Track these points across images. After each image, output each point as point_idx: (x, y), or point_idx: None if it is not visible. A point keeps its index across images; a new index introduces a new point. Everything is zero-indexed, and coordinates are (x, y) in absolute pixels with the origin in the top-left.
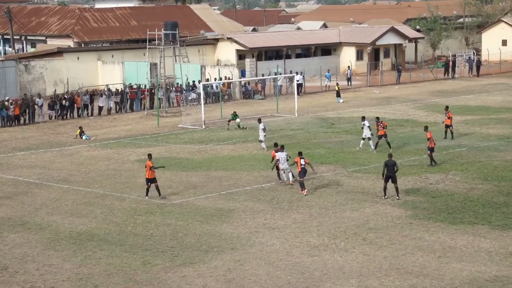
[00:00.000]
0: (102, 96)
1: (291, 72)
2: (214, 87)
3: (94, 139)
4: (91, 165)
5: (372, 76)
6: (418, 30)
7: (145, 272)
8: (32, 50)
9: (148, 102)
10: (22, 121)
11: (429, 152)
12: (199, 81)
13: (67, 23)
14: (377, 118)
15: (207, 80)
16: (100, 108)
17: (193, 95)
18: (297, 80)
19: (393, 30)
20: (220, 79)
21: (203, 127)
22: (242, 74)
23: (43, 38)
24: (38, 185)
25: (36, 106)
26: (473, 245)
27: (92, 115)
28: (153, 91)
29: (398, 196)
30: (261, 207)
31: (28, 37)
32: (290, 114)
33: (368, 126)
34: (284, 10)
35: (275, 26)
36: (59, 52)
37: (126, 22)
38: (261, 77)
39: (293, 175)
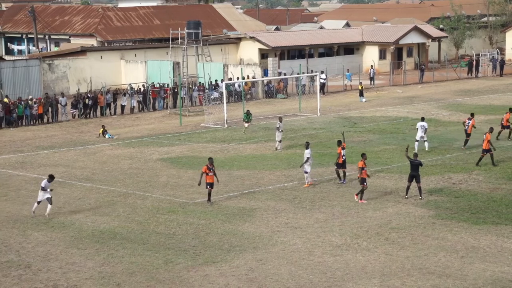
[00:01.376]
0: (125, 95)
1: (312, 72)
2: (237, 86)
3: (117, 137)
4: (113, 164)
5: (395, 75)
6: (441, 29)
7: (167, 271)
8: (56, 49)
9: (171, 101)
10: (45, 120)
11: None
12: (222, 80)
13: (91, 22)
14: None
15: (230, 79)
16: (123, 107)
17: (216, 94)
18: (323, 79)
19: (416, 29)
20: (243, 78)
21: (226, 126)
22: (265, 73)
23: (67, 37)
24: (61, 183)
25: (59, 105)
26: (497, 245)
27: (115, 114)
28: (176, 90)
29: (421, 195)
30: (283, 206)
31: (52, 36)
32: (312, 113)
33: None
34: (307, 9)
35: (297, 25)
36: (82, 51)
37: (149, 21)
38: (283, 76)
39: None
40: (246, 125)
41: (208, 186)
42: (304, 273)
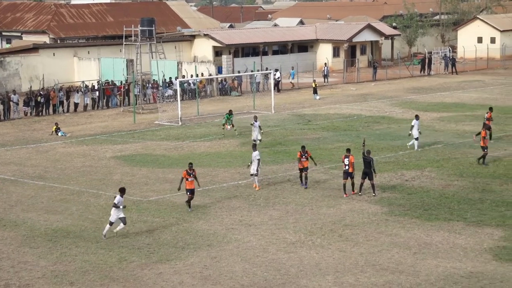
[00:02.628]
0: (78, 93)
1: (267, 69)
2: (191, 83)
3: (70, 135)
4: (67, 162)
5: (349, 73)
6: (394, 27)
7: (121, 269)
8: (7, 46)
9: (125, 99)
10: None
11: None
12: (176, 78)
13: (43, 19)
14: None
15: (184, 76)
16: (76, 105)
17: (170, 92)
18: (278, 77)
19: (369, 27)
20: (197, 75)
21: (180, 123)
22: (219, 70)
23: (19, 34)
24: (13, 182)
25: (11, 103)
26: (449, 241)
27: (68, 111)
28: (129, 87)
29: (374, 192)
30: (238, 204)
31: (3, 33)
32: (267, 111)
33: (412, 125)
34: (261, 6)
35: (252, 22)
36: (34, 48)
37: (103, 18)
38: (238, 74)
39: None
40: (229, 127)
41: (188, 193)
42: (259, 270)
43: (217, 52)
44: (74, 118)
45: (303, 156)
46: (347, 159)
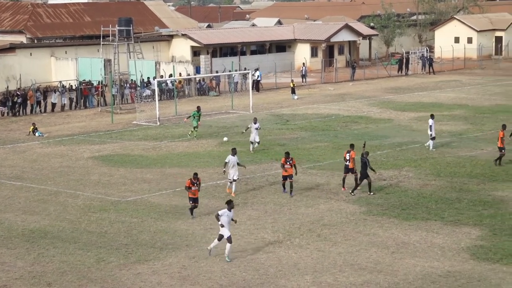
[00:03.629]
0: (55, 93)
1: (245, 69)
2: (169, 83)
3: (47, 136)
4: (44, 162)
5: (327, 73)
6: (372, 27)
7: (99, 270)
8: None
9: (102, 99)
10: None
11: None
12: (154, 78)
13: (20, 19)
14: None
15: (162, 76)
16: (54, 105)
17: (148, 92)
18: (258, 77)
19: (347, 27)
20: (175, 75)
21: (158, 123)
22: (197, 70)
23: None
24: None
25: None
26: (426, 240)
27: (45, 111)
28: (106, 87)
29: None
30: (216, 203)
31: None
32: (245, 111)
33: (430, 126)
34: (239, 6)
35: (230, 22)
36: (11, 48)
37: (80, 18)
38: (216, 74)
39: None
40: (185, 120)
41: (191, 202)
42: (237, 270)
43: (195, 52)
44: (51, 118)
45: (288, 163)
46: (348, 154)
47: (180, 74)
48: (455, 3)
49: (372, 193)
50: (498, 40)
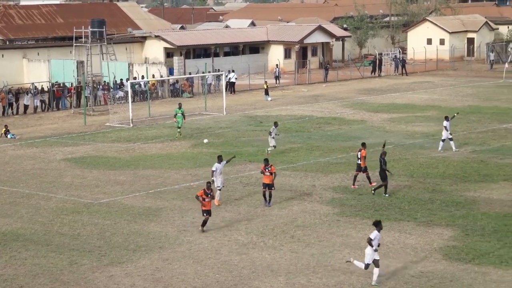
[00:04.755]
0: (27, 95)
1: (218, 71)
2: (142, 85)
3: (19, 138)
4: (16, 164)
5: (300, 74)
6: (345, 29)
7: (72, 272)
8: None
9: (75, 101)
10: None
11: None
12: (127, 79)
13: None
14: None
15: (135, 78)
16: (26, 107)
17: (121, 93)
18: (234, 78)
19: (320, 28)
20: (149, 76)
21: (131, 125)
22: (170, 72)
23: None
24: None
25: None
26: (399, 241)
27: (17, 113)
28: (79, 89)
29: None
30: (190, 205)
31: None
32: (218, 112)
33: (445, 127)
34: (212, 8)
35: (203, 24)
36: None
37: (52, 20)
38: (189, 75)
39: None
40: (174, 119)
41: (205, 214)
42: (211, 272)
43: (168, 54)
44: (23, 120)
45: (267, 169)
46: (359, 152)
47: (153, 76)
48: (427, 4)
49: (387, 195)
50: (470, 41)
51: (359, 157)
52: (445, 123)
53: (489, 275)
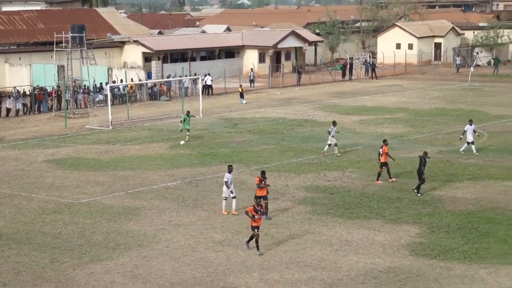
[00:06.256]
0: (9, 98)
1: (195, 74)
2: (121, 89)
3: (1, 140)
4: None
5: (274, 78)
6: (317, 34)
7: (54, 270)
8: None
9: (56, 104)
10: None
11: None
12: (106, 83)
13: None
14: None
15: (114, 82)
16: (8, 110)
17: (100, 97)
18: (210, 80)
19: (293, 33)
20: (128, 80)
21: (110, 128)
22: (148, 76)
23: None
24: None
25: None
26: (368, 238)
27: None
28: (60, 93)
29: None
30: (167, 205)
31: None
32: (195, 115)
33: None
34: (189, 14)
35: (180, 29)
36: None
37: (34, 25)
38: (167, 79)
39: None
40: (180, 124)
41: (255, 230)
42: (187, 269)
43: (147, 58)
44: (5, 123)
45: (262, 182)
46: (381, 149)
47: (132, 80)
48: (396, 10)
49: (420, 194)
50: (437, 46)
51: (380, 153)
52: (468, 127)
53: (453, 270)
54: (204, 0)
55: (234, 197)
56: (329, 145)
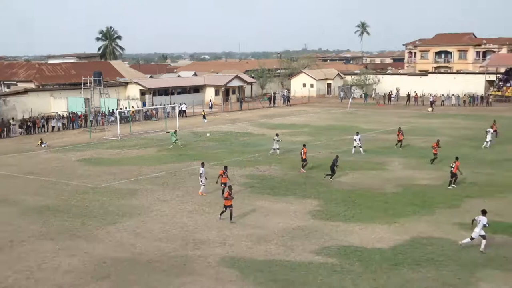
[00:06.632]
0: (54, 119)
1: (174, 103)
2: (126, 113)
3: (49, 146)
4: (47, 163)
5: (225, 105)
6: (252, 77)
7: (83, 230)
8: (7, 90)
9: (83, 123)
10: (1, 136)
11: None
12: (116, 109)
13: (30, 72)
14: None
15: (121, 108)
16: (53, 127)
17: (112, 118)
18: (185, 107)
19: (237, 77)
20: (130, 107)
21: (119, 138)
22: (143, 104)
23: (15, 82)
24: (13, 177)
25: (11, 126)
26: (285, 208)
27: (47, 131)
28: (86, 116)
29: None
30: (156, 188)
31: (5, 82)
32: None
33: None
34: (169, 64)
35: (164, 74)
36: (25, 91)
37: (69, 72)
38: (155, 106)
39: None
40: (176, 143)
41: (231, 207)
42: (170, 228)
43: (142, 93)
44: (51, 136)
45: (225, 174)
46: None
47: (133, 107)
48: (303, 62)
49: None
50: (329, 85)
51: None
52: (356, 137)
53: (339, 227)
54: (180, 55)
55: (203, 184)
56: (274, 149)
